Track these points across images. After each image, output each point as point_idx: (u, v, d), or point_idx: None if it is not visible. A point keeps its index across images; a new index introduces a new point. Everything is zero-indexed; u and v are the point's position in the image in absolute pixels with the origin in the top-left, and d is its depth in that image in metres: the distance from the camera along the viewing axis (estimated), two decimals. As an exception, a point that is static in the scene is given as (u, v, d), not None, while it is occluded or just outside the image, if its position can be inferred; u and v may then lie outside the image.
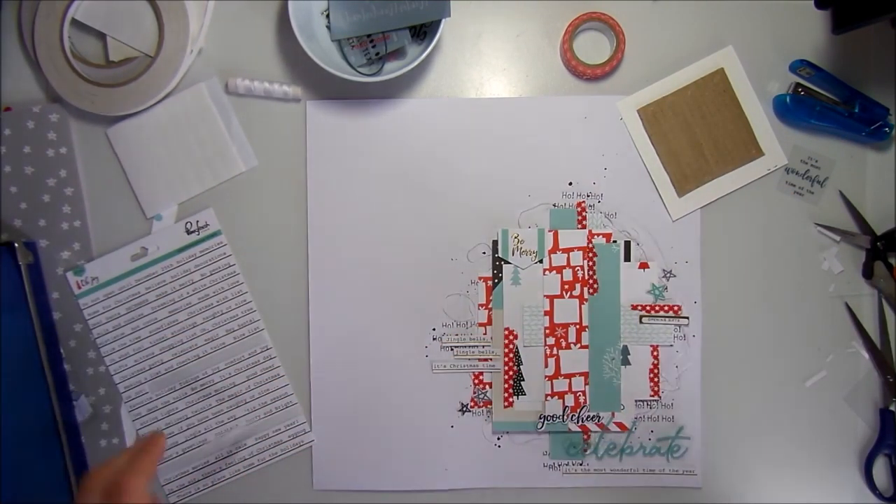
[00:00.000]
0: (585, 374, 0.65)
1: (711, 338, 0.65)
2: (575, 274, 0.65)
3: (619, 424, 0.65)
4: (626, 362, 0.65)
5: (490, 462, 0.65)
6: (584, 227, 0.65)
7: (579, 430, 0.65)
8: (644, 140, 0.65)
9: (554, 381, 0.65)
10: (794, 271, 0.65)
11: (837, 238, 0.65)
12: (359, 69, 0.63)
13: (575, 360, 0.65)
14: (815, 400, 0.65)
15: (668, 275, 0.65)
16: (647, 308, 0.65)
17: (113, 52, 0.64)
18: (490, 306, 0.65)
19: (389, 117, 0.65)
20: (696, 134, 0.65)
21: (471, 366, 0.65)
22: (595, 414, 0.65)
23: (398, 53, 0.64)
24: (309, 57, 0.59)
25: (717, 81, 0.65)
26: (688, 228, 0.65)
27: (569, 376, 0.65)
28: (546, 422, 0.64)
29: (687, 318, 0.65)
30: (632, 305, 0.65)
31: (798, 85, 0.64)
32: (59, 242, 0.65)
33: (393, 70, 0.61)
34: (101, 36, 0.65)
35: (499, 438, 0.65)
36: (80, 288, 0.65)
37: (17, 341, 0.61)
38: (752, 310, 0.65)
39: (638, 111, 0.65)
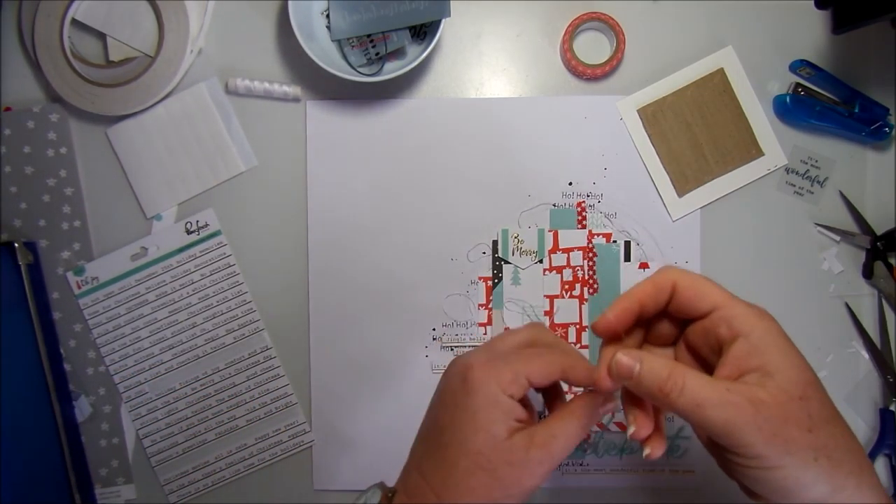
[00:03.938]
0: (585, 374, 0.65)
1: (711, 338, 0.65)
2: (575, 274, 0.65)
3: (619, 424, 0.65)
4: (626, 362, 0.65)
5: (490, 462, 0.65)
6: (584, 227, 0.65)
7: (579, 430, 0.65)
8: (644, 140, 0.65)
9: (554, 381, 0.64)
10: (794, 271, 0.65)
11: (837, 238, 0.65)
12: (359, 69, 0.63)
13: (575, 360, 0.65)
14: (815, 400, 0.65)
15: (668, 275, 0.65)
16: (647, 308, 0.65)
17: (113, 52, 0.64)
18: (490, 306, 0.65)
19: (389, 117, 0.65)
20: (696, 134, 0.65)
21: (471, 366, 0.65)
22: (595, 414, 0.65)
23: (398, 53, 0.64)
24: (309, 57, 0.59)
25: (717, 81, 0.65)
26: (688, 228, 0.65)
27: (569, 376, 0.65)
28: (546, 422, 0.64)
29: (687, 318, 0.65)
30: (632, 305, 0.65)
31: (798, 85, 0.64)
32: (59, 242, 0.65)
33: (393, 70, 0.61)
34: (101, 36, 0.65)
35: (499, 438, 0.65)
36: (80, 288, 0.65)
37: (17, 341, 0.61)
38: (752, 310, 0.65)
39: (638, 111, 0.65)
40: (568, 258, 0.65)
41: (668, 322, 0.43)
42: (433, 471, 0.43)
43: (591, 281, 0.65)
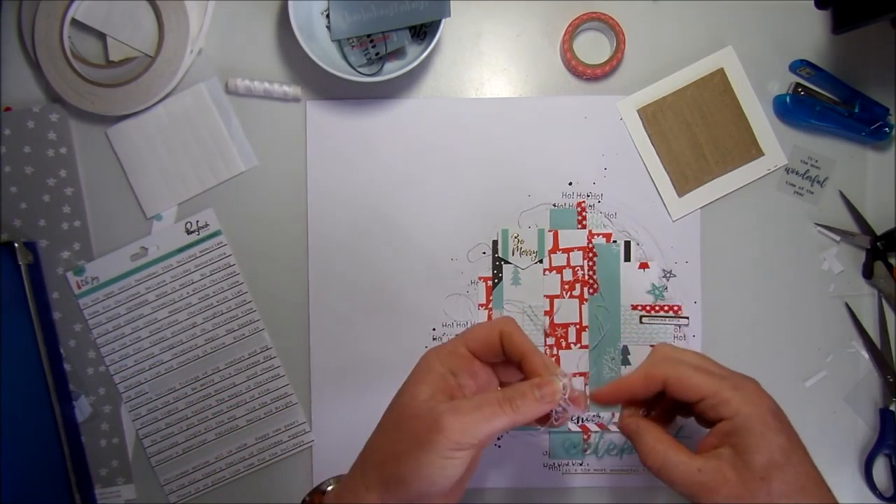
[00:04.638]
0: (585, 374, 0.65)
1: (711, 338, 0.65)
2: (575, 274, 0.65)
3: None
4: (626, 362, 0.65)
5: (490, 462, 0.65)
6: (584, 227, 0.65)
7: (579, 430, 0.65)
8: (644, 140, 0.65)
9: (554, 381, 0.64)
10: (794, 271, 0.65)
11: (837, 238, 0.65)
12: (359, 69, 0.63)
13: (575, 360, 0.65)
14: (815, 400, 0.65)
15: (668, 275, 0.65)
16: (647, 308, 0.65)
17: (113, 52, 0.64)
18: (490, 306, 0.65)
19: (389, 117, 0.65)
20: (696, 134, 0.65)
21: (471, 366, 0.65)
22: (595, 414, 0.65)
23: (398, 53, 0.64)
24: (309, 57, 0.59)
25: (717, 81, 0.65)
26: (688, 228, 0.65)
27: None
28: (546, 422, 0.64)
29: (687, 318, 0.65)
30: (632, 305, 0.65)
31: (798, 85, 0.64)
32: (59, 242, 0.65)
33: (393, 70, 0.61)
34: (101, 36, 0.65)
35: (499, 438, 0.65)
36: (80, 288, 0.65)
37: (17, 341, 0.61)
38: (752, 310, 0.65)
39: (638, 111, 0.65)
40: (568, 258, 0.65)
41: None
42: (367, 441, 0.45)
43: (591, 281, 0.65)
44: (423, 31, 0.64)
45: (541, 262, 0.65)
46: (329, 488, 0.47)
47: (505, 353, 0.45)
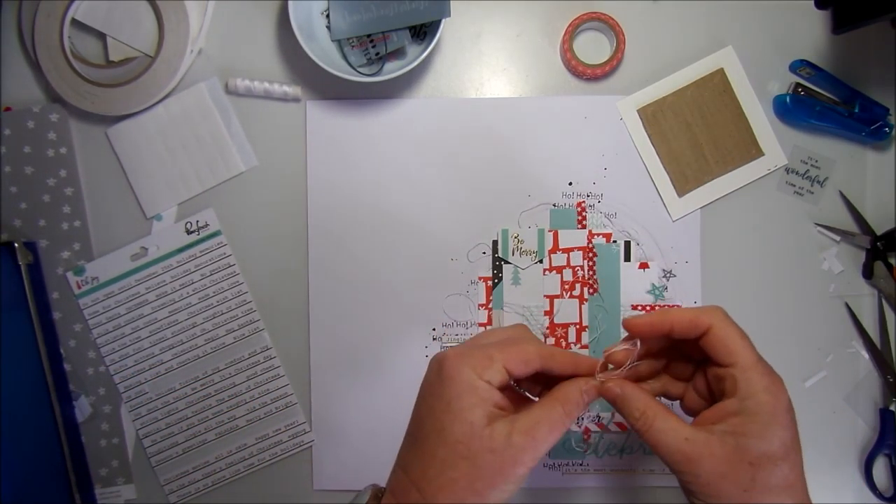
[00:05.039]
0: (585, 374, 0.65)
1: (711, 338, 0.65)
2: (575, 274, 0.65)
3: (619, 425, 0.65)
4: (626, 362, 0.65)
5: (490, 462, 0.65)
6: (584, 227, 0.65)
7: (579, 430, 0.65)
8: (644, 140, 0.65)
9: (554, 381, 0.64)
10: (794, 271, 0.65)
11: (837, 238, 0.65)
12: (359, 69, 0.63)
13: (575, 360, 0.65)
14: (815, 400, 0.65)
15: (668, 275, 0.65)
16: (648, 308, 0.65)
17: (113, 52, 0.64)
18: (490, 306, 0.65)
19: (389, 117, 0.65)
20: (696, 134, 0.65)
21: (471, 366, 0.65)
22: (595, 414, 0.65)
23: (398, 53, 0.64)
24: (309, 57, 0.59)
25: (717, 81, 0.65)
26: (688, 228, 0.65)
27: (569, 376, 0.64)
28: (546, 422, 0.64)
29: (687, 318, 0.65)
30: (632, 305, 0.65)
31: (798, 85, 0.64)
32: (59, 242, 0.65)
33: (393, 70, 0.61)
34: (101, 36, 0.65)
35: (499, 438, 0.65)
36: (80, 288, 0.65)
37: (17, 341, 0.61)
38: (751, 310, 0.65)
39: (638, 111, 0.65)
40: (568, 258, 0.65)
41: (695, 355, 0.46)
42: (413, 465, 0.42)
43: (591, 281, 0.65)
44: (423, 31, 0.64)
45: (541, 262, 0.65)
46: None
47: (544, 372, 0.44)
